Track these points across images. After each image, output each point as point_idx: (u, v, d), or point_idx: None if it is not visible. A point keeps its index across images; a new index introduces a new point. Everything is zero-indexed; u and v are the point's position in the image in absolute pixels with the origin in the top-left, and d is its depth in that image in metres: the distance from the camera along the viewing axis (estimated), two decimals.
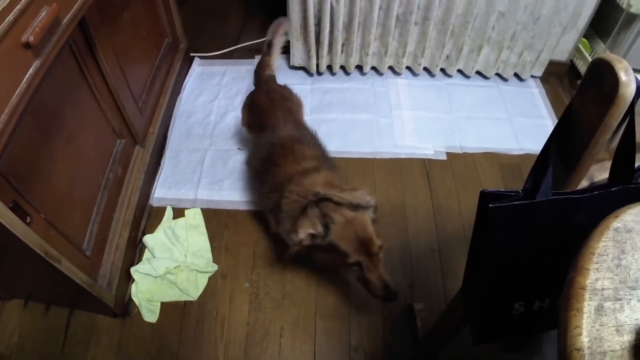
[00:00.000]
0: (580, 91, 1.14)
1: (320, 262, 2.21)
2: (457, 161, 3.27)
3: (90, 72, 2.23)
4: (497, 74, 3.87)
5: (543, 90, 3.78)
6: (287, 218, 2.18)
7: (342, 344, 2.44)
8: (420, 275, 2.69)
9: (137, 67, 2.82)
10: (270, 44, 3.09)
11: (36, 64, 1.61)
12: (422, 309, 2.48)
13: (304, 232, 2.02)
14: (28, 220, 1.70)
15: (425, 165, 3.22)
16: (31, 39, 1.53)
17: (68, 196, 2.10)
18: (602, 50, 3.53)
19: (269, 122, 2.55)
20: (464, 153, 3.33)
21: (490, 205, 1.10)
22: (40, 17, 1.60)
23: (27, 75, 1.57)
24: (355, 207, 2.04)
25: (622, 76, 1.00)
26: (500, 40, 3.50)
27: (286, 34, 3.20)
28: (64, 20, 1.77)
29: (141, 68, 2.93)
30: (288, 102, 2.75)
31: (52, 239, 1.85)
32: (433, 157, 3.28)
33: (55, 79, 1.91)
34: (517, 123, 3.52)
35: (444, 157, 3.29)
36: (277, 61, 3.16)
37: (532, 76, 3.88)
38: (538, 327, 1.40)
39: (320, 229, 2.00)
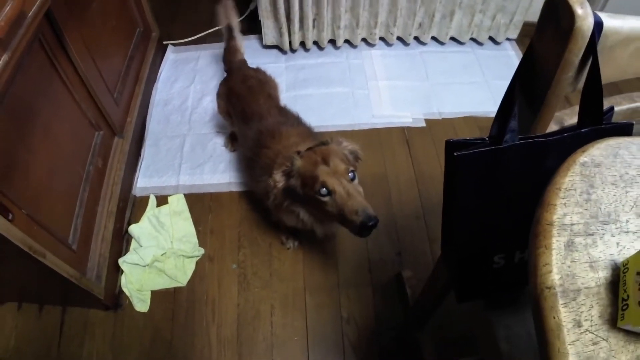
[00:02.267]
0: (538, 30, 1.12)
1: (302, 209, 2.18)
2: (436, 127, 3.28)
3: (62, 65, 2.22)
4: (472, 39, 3.87)
5: (519, 52, 3.78)
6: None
7: (333, 317, 2.46)
8: (407, 243, 2.70)
9: (109, 58, 2.80)
10: (229, 28, 3.07)
11: (4, 58, 1.61)
12: (410, 276, 2.49)
13: (277, 172, 2.05)
14: (10, 217, 1.69)
15: (404, 134, 3.23)
16: None
17: (49, 191, 2.09)
18: None
19: (252, 110, 2.53)
20: (443, 119, 3.34)
21: (455, 154, 1.09)
22: (5, 11, 1.59)
23: None
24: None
25: (578, 9, 0.98)
26: (472, 4, 3.50)
27: (238, 14, 3.16)
28: (30, 14, 1.76)
29: (114, 58, 2.91)
30: (266, 87, 2.74)
31: (36, 234, 1.85)
32: (412, 125, 3.28)
33: (27, 73, 1.90)
34: (494, 86, 3.53)
35: (423, 124, 3.29)
36: (243, 44, 3.14)
37: (508, 39, 3.88)
38: (521, 280, 1.40)
39: (289, 164, 2.02)
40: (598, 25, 1.03)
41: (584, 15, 0.99)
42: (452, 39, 3.86)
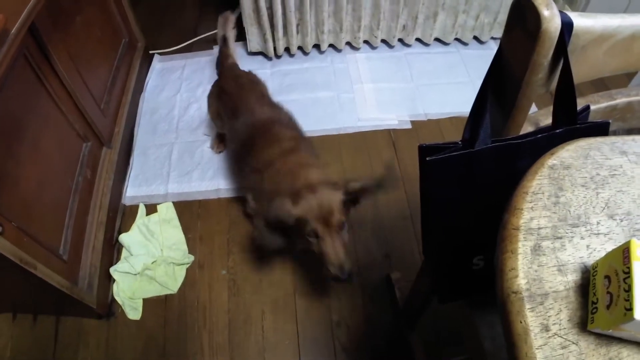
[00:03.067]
0: (506, 32, 1.13)
1: (286, 237, 2.21)
2: (422, 128, 3.29)
3: (48, 79, 2.22)
4: (457, 39, 3.89)
5: None
6: (267, 197, 2.19)
7: (324, 320, 2.47)
8: (395, 244, 2.72)
9: (95, 70, 2.81)
10: (224, 38, 3.12)
11: None
12: (399, 277, 2.51)
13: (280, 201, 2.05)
14: (0, 230, 1.71)
15: (390, 136, 3.24)
16: None
17: (39, 203, 2.10)
18: (561, 7, 3.52)
19: (243, 106, 2.55)
20: (429, 120, 3.35)
21: (427, 159, 1.09)
22: None
23: None
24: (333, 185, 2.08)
25: (544, 11, 0.98)
26: (455, 5, 3.52)
27: (235, 26, 3.21)
28: (12, 30, 1.77)
29: (100, 70, 2.91)
30: (257, 86, 2.77)
31: (26, 246, 1.86)
32: (398, 127, 3.30)
33: (13, 88, 1.91)
34: (480, 85, 3.50)
35: (409, 126, 3.31)
36: (236, 51, 3.19)
37: (492, 38, 3.90)
38: None
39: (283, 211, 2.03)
40: (568, 25, 1.04)
41: (550, 17, 0.99)
42: (437, 39, 3.88)
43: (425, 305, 2.00)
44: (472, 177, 1.15)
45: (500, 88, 1.19)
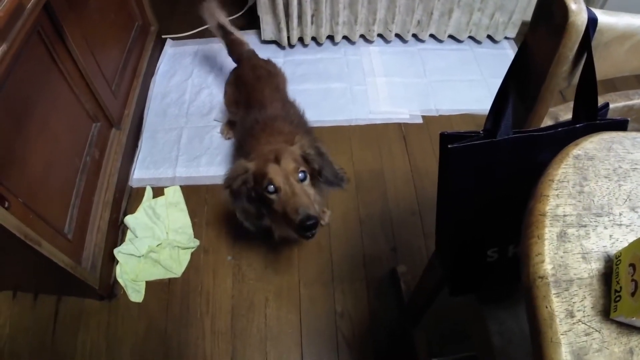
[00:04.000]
0: (532, 26, 1.14)
1: (261, 214, 2.20)
2: (433, 124, 3.28)
3: (61, 58, 2.22)
4: (470, 37, 3.87)
5: None
6: None
7: (327, 310, 2.46)
8: (402, 238, 2.71)
9: (108, 51, 2.81)
10: (221, 25, 3.07)
11: (2, 48, 1.62)
12: (405, 271, 2.50)
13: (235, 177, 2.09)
14: (6, 205, 1.70)
15: (401, 130, 3.23)
16: None
17: (46, 180, 2.10)
18: None
19: (256, 99, 2.55)
20: (440, 116, 3.34)
21: (449, 146, 1.09)
22: (4, 2, 1.60)
23: None
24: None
25: (571, 4, 0.99)
26: (471, 3, 3.50)
27: (224, 11, 3.16)
28: (28, 6, 1.77)
29: (112, 52, 2.91)
30: (274, 78, 2.76)
31: (32, 223, 1.86)
32: (409, 121, 3.29)
33: (25, 65, 1.91)
34: (492, 84, 3.52)
35: (420, 121, 3.29)
36: (243, 34, 3.16)
37: (506, 37, 3.89)
38: (514, 273, 1.40)
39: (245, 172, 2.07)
40: (592, 21, 1.03)
41: (578, 10, 0.99)
42: (451, 37, 3.86)
43: (431, 301, 1.99)
44: (491, 168, 1.15)
45: (523, 80, 1.19)
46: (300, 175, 1.99)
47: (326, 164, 2.13)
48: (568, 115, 1.29)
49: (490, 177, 1.17)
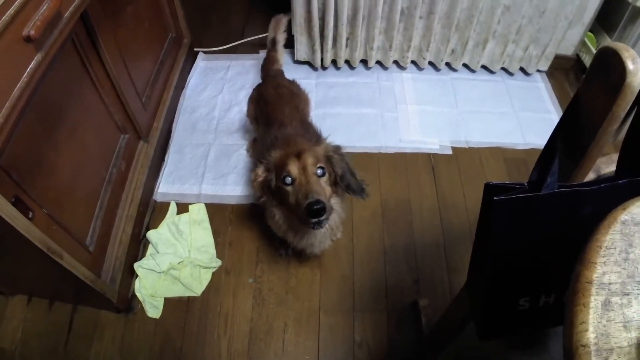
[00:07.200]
0: (586, 81, 1.12)
1: (277, 209, 2.18)
2: (462, 156, 3.26)
3: (93, 67, 2.22)
4: (503, 68, 3.84)
5: (549, 85, 3.76)
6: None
7: (346, 339, 2.44)
8: (425, 271, 2.68)
9: (140, 62, 2.81)
10: (274, 41, 3.08)
11: (37, 58, 1.60)
12: (426, 305, 2.47)
13: (260, 167, 2.11)
14: (30, 215, 1.69)
15: (430, 160, 3.21)
16: (32, 32, 1.52)
17: (71, 191, 2.10)
18: None
19: (276, 117, 2.53)
20: (470, 148, 3.32)
21: (495, 198, 1.08)
22: (42, 11, 1.59)
23: (28, 70, 1.56)
24: None
25: (629, 64, 0.97)
26: (506, 34, 3.48)
27: (286, 30, 3.18)
28: (66, 14, 1.76)
29: (144, 63, 2.91)
30: (296, 99, 2.74)
31: (55, 234, 1.85)
32: (438, 152, 3.26)
33: (58, 73, 1.90)
34: (522, 117, 3.51)
35: (450, 152, 3.27)
36: (283, 56, 3.15)
37: (538, 70, 3.86)
38: (544, 323, 1.38)
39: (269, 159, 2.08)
40: None
41: (635, 71, 0.98)
42: (483, 67, 3.85)
43: (454, 336, 1.97)
44: (534, 220, 1.15)
45: (573, 134, 1.19)
46: (318, 170, 1.99)
47: (348, 171, 2.13)
48: (610, 168, 1.29)
49: (529, 228, 1.16)
